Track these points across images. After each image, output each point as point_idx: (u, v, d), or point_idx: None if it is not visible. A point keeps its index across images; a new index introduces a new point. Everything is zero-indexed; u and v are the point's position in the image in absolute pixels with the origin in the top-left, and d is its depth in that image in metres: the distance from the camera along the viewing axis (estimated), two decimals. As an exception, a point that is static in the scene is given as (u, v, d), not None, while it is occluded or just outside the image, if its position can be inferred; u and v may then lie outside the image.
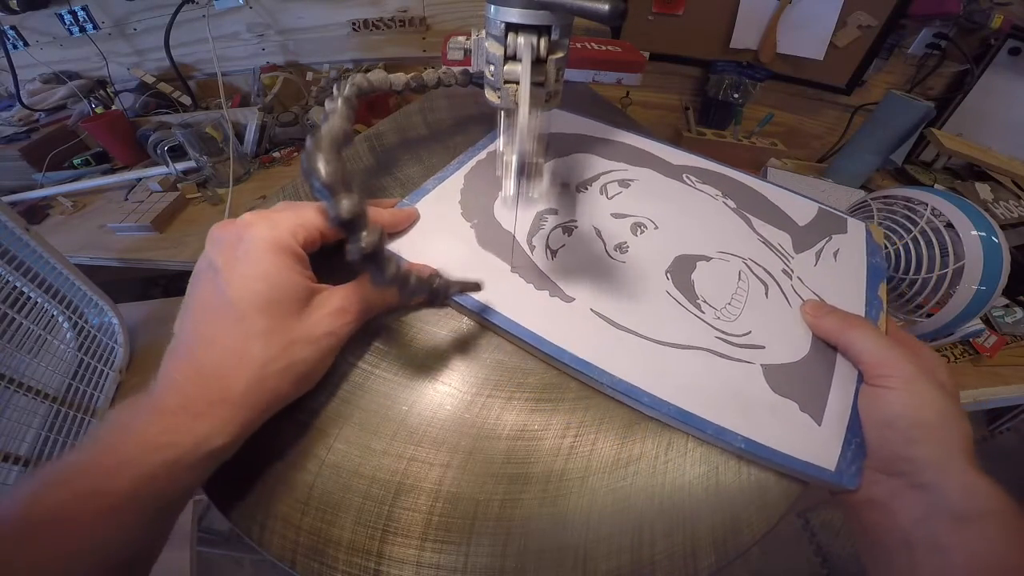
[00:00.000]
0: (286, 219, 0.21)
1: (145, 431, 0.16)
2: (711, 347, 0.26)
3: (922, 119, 0.75)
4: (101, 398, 0.50)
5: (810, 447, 0.23)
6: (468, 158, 0.36)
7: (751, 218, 0.34)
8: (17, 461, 0.41)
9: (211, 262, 0.20)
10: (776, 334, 0.27)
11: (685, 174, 0.37)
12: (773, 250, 0.32)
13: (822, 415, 0.24)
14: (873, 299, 0.29)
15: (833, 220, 0.35)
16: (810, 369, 0.26)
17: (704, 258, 0.30)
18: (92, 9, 0.89)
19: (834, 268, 0.31)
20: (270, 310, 0.19)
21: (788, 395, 0.24)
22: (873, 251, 0.33)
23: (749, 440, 0.22)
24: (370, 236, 0.17)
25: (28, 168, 0.82)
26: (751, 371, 0.25)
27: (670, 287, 0.28)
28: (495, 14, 0.23)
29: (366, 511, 0.21)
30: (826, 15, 0.80)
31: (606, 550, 0.21)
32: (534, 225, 0.31)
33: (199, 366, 0.18)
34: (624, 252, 0.30)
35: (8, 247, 0.44)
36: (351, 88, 0.26)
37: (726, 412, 0.23)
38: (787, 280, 0.30)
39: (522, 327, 0.25)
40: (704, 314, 0.27)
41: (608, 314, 0.26)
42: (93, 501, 0.15)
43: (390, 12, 0.87)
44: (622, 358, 0.24)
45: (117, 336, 0.55)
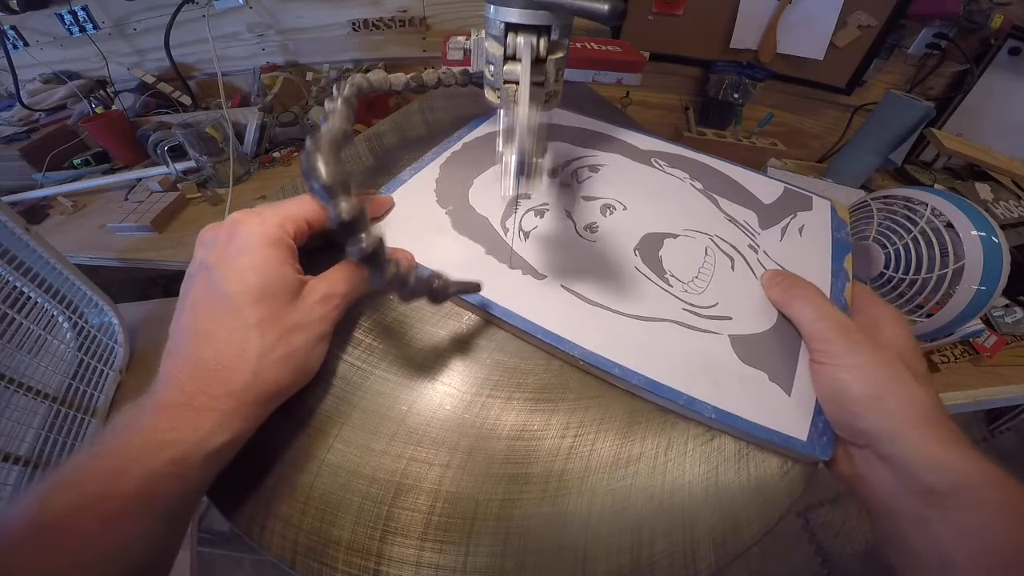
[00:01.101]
0: (273, 213, 0.22)
1: (149, 430, 0.16)
2: (679, 319, 0.26)
3: (922, 119, 0.74)
4: (101, 398, 0.50)
5: (781, 417, 0.23)
6: (444, 149, 0.36)
7: (718, 198, 0.35)
8: (17, 461, 0.41)
9: (203, 262, 0.21)
10: (743, 305, 0.28)
11: (654, 158, 0.38)
12: (739, 227, 0.33)
13: (791, 385, 0.24)
14: (839, 271, 0.30)
15: (798, 198, 0.36)
16: (777, 339, 0.26)
17: (671, 235, 0.31)
18: (92, 9, 0.89)
19: (799, 243, 0.32)
20: (265, 301, 0.19)
21: (757, 365, 0.25)
22: (839, 226, 0.34)
23: (719, 410, 0.23)
24: (370, 237, 0.17)
25: (28, 168, 0.82)
26: (719, 342, 0.26)
27: (639, 263, 0.29)
28: (495, 14, 0.23)
29: (366, 511, 0.21)
30: (826, 15, 0.80)
31: (606, 550, 0.21)
32: (508, 208, 0.32)
33: (199, 361, 0.18)
34: (594, 232, 0.31)
35: (8, 247, 0.44)
36: (351, 88, 0.26)
37: (696, 383, 0.24)
38: (753, 254, 0.31)
39: (496, 304, 0.26)
40: (672, 287, 0.28)
41: (579, 290, 0.27)
42: (102, 505, 0.15)
43: (390, 12, 0.87)
44: (593, 331, 0.25)
45: (117, 336, 0.55)
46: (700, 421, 0.24)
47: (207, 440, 0.17)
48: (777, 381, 0.24)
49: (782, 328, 0.27)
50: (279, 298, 0.20)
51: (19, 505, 0.15)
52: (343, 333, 0.26)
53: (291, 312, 0.20)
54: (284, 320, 0.20)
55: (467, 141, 0.38)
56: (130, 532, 0.15)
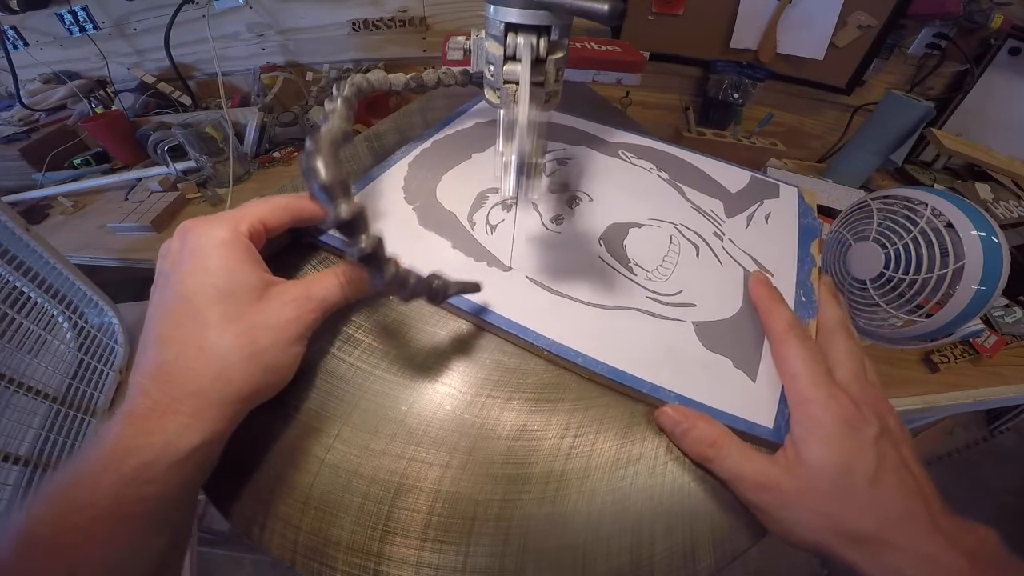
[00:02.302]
0: (227, 216, 0.21)
1: (116, 438, 0.16)
2: (643, 307, 0.27)
3: (922, 119, 0.75)
4: (101, 398, 0.50)
5: (746, 404, 0.23)
6: (413, 147, 0.37)
7: (684, 188, 0.35)
8: (17, 461, 0.41)
9: (161, 270, 0.20)
10: (707, 292, 0.28)
11: (621, 151, 0.39)
12: (704, 215, 0.33)
13: (756, 371, 0.24)
14: (805, 256, 0.31)
15: (765, 186, 0.37)
16: (741, 326, 0.26)
17: (636, 225, 0.31)
18: (92, 9, 0.89)
19: (766, 230, 0.33)
20: (224, 300, 0.19)
21: (721, 351, 0.25)
22: (805, 212, 0.34)
23: (682, 396, 0.23)
24: (370, 237, 0.17)
25: (28, 168, 0.82)
26: (683, 328, 0.26)
27: (603, 252, 0.29)
28: (495, 14, 0.23)
29: (366, 511, 0.21)
30: (826, 15, 0.80)
31: (605, 550, 0.21)
32: (475, 203, 0.32)
33: (160, 364, 0.18)
34: (560, 224, 0.31)
35: (8, 247, 0.44)
36: (351, 88, 0.26)
37: (660, 370, 0.24)
38: (718, 242, 0.31)
39: (465, 299, 0.26)
40: (636, 276, 0.28)
41: (544, 280, 0.27)
42: (80, 516, 0.15)
43: (390, 12, 0.87)
44: (556, 321, 0.25)
45: (117, 336, 0.55)
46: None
47: (174, 443, 0.17)
48: (742, 367, 0.24)
49: (747, 314, 0.27)
50: (239, 297, 0.19)
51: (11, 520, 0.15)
52: (343, 334, 0.26)
53: (254, 312, 0.20)
54: (246, 319, 0.19)
55: (437, 139, 0.38)
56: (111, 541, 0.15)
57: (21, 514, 0.15)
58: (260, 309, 0.20)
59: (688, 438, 0.22)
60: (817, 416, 0.21)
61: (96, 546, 0.15)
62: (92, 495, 0.15)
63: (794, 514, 0.20)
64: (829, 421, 0.20)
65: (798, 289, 0.29)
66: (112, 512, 0.15)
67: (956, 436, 1.19)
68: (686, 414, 0.22)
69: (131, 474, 0.16)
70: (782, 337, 0.24)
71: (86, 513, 0.15)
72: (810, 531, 0.20)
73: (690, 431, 0.22)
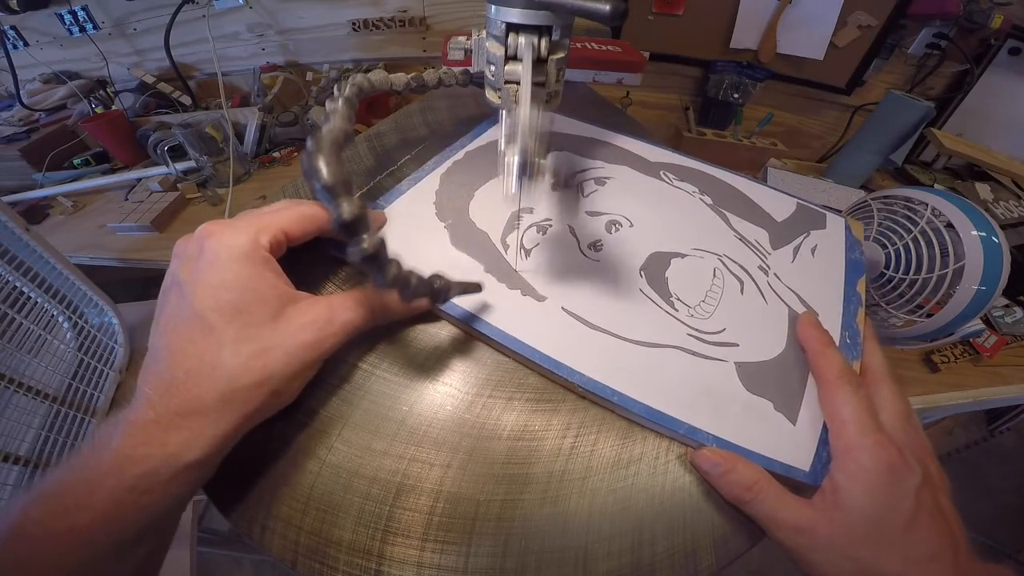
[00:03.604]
0: (247, 224, 0.20)
1: (119, 445, 0.16)
2: (684, 345, 0.25)
3: (922, 119, 0.74)
4: (101, 398, 0.50)
5: (784, 447, 0.23)
6: (445, 157, 0.35)
7: (728, 214, 0.34)
8: (17, 461, 0.40)
9: (175, 276, 0.20)
10: (751, 331, 0.27)
11: (662, 171, 0.37)
12: (749, 246, 0.31)
13: (797, 414, 0.24)
14: (852, 295, 0.29)
15: (812, 216, 0.35)
16: (785, 367, 0.25)
17: (678, 255, 0.30)
18: (92, 9, 0.89)
19: (812, 264, 0.31)
20: (238, 319, 0.18)
21: (762, 394, 0.24)
22: (852, 247, 0.33)
23: (720, 439, 0.22)
24: (371, 237, 0.17)
25: (28, 168, 0.81)
26: (725, 369, 0.25)
27: (643, 285, 0.28)
28: (496, 14, 0.23)
29: (367, 511, 0.21)
30: (826, 15, 0.80)
31: (606, 550, 0.21)
32: (509, 224, 0.31)
33: (170, 379, 0.18)
34: (598, 250, 0.30)
35: (8, 247, 0.44)
36: (352, 88, 0.26)
37: (698, 411, 0.23)
38: (763, 276, 0.30)
39: (493, 326, 0.25)
40: (677, 312, 0.27)
41: (580, 313, 0.26)
42: (75, 516, 0.15)
43: (390, 12, 0.87)
44: (592, 357, 0.24)
45: (117, 336, 0.55)
46: None
47: (176, 456, 0.17)
48: (783, 410, 0.24)
49: (791, 355, 0.26)
50: (255, 315, 0.19)
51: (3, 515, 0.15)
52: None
53: (270, 331, 0.19)
54: (260, 340, 0.19)
55: (470, 149, 0.36)
56: (103, 543, 0.16)
57: (14, 510, 0.15)
58: (276, 329, 0.19)
59: (726, 480, 0.22)
60: (863, 463, 0.20)
61: (87, 548, 0.15)
62: (90, 499, 0.15)
63: (825, 556, 0.20)
64: (874, 468, 0.20)
65: (844, 330, 0.27)
66: (109, 517, 0.16)
67: (956, 436, 1.19)
68: (725, 456, 0.22)
69: (131, 482, 0.16)
70: (834, 383, 0.23)
71: (83, 516, 0.15)
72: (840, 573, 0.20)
73: (728, 474, 0.21)
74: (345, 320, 0.21)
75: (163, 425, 0.17)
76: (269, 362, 0.19)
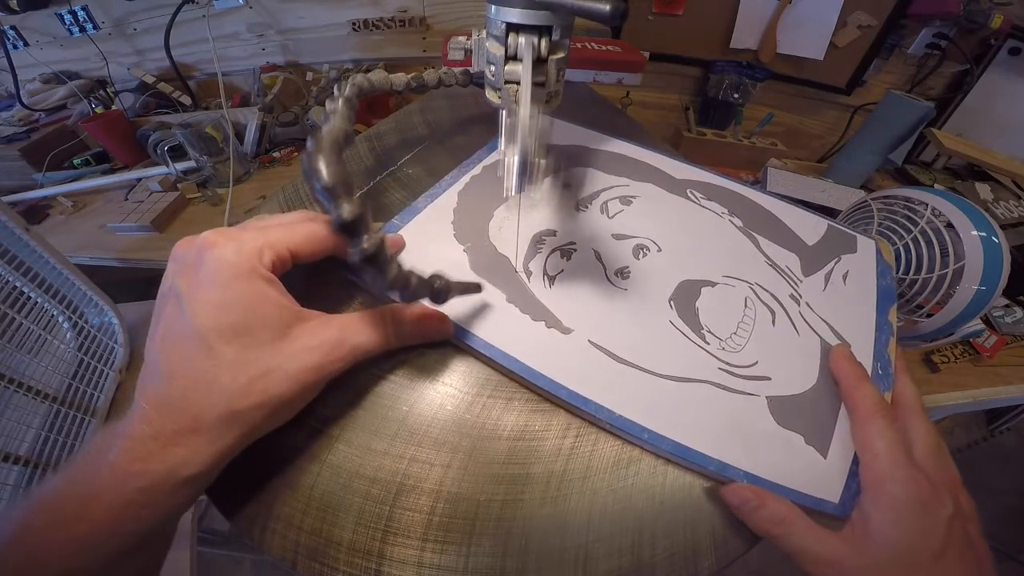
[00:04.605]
0: (251, 239, 0.19)
1: (118, 460, 0.16)
2: (715, 380, 0.25)
3: (922, 119, 0.75)
4: (101, 398, 0.50)
5: (813, 480, 0.22)
6: (462, 173, 0.34)
7: (758, 238, 0.33)
8: (17, 461, 0.40)
9: (173, 286, 0.19)
10: (783, 364, 0.26)
11: (689, 189, 0.36)
12: (781, 273, 0.31)
13: (828, 447, 0.23)
14: (883, 324, 0.29)
15: (842, 239, 0.34)
16: (817, 400, 0.25)
17: (709, 283, 0.29)
18: (92, 9, 0.89)
19: (843, 292, 0.30)
20: (238, 340, 0.18)
21: (793, 427, 0.24)
22: (883, 272, 0.32)
23: (751, 475, 0.22)
24: (372, 238, 0.17)
25: (28, 168, 0.82)
26: (756, 404, 0.24)
27: (673, 316, 0.27)
28: (496, 14, 0.23)
29: (367, 512, 0.21)
30: (826, 15, 0.80)
31: (607, 550, 0.21)
32: (531, 248, 0.29)
33: (168, 396, 0.17)
34: (626, 278, 0.29)
35: (8, 247, 0.44)
36: (352, 88, 0.26)
37: (727, 446, 0.23)
38: (795, 306, 0.29)
39: (518, 361, 0.24)
40: (708, 345, 0.26)
41: (607, 346, 0.25)
42: (74, 528, 0.15)
43: (390, 12, 0.87)
44: (621, 393, 0.23)
45: (117, 336, 0.55)
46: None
47: (175, 471, 0.17)
48: (813, 443, 0.23)
49: (823, 388, 0.25)
50: (256, 336, 0.18)
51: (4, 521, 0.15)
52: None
53: (272, 353, 0.18)
54: (262, 362, 0.18)
55: (487, 163, 0.34)
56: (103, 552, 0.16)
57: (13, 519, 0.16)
58: (279, 349, 0.19)
59: (756, 516, 0.21)
60: (895, 495, 0.20)
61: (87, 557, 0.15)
62: (89, 511, 0.16)
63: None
64: (906, 501, 0.20)
65: (875, 361, 0.27)
66: (108, 528, 0.16)
67: (956, 436, 1.19)
68: (756, 492, 0.21)
69: (130, 497, 0.16)
70: (869, 417, 0.23)
71: (82, 526, 0.15)
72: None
73: (759, 510, 0.21)
74: (355, 344, 0.21)
75: (161, 442, 0.17)
76: (270, 385, 0.18)
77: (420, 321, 0.24)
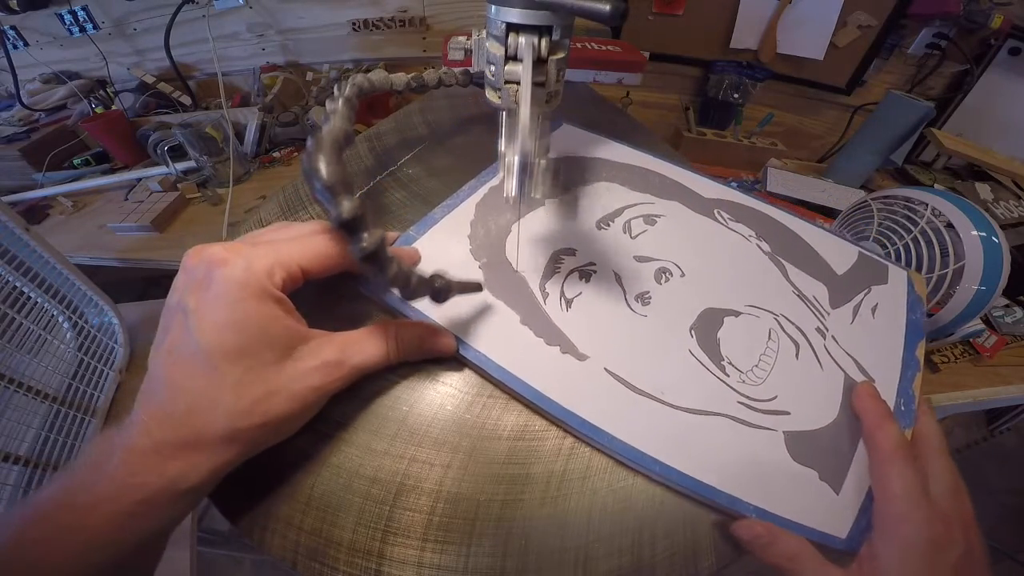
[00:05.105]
0: (262, 257, 0.19)
1: (117, 472, 0.16)
2: (733, 413, 0.24)
3: (922, 119, 0.75)
4: (101, 398, 0.50)
5: (825, 516, 0.22)
6: (481, 183, 0.33)
7: (786, 265, 0.31)
8: (17, 461, 0.40)
9: (181, 301, 0.19)
10: (803, 399, 0.25)
11: (717, 209, 0.34)
12: (808, 304, 0.29)
13: (841, 484, 0.23)
14: (910, 360, 0.28)
15: (873, 268, 0.33)
16: (836, 436, 0.24)
17: (733, 313, 0.28)
18: (92, 9, 0.89)
19: (871, 326, 0.29)
20: (243, 360, 0.18)
21: (809, 464, 0.23)
22: (914, 305, 0.31)
23: (760, 509, 0.22)
24: (372, 236, 0.17)
25: (28, 168, 0.82)
26: (773, 439, 0.24)
27: (693, 346, 0.26)
28: (496, 14, 0.23)
29: (367, 512, 0.21)
30: (826, 15, 0.80)
31: (607, 550, 0.21)
32: (549, 267, 0.28)
33: (170, 412, 0.17)
34: (646, 304, 0.28)
35: (8, 247, 0.44)
36: (352, 88, 0.26)
37: (740, 481, 0.22)
38: (820, 339, 0.28)
39: (530, 387, 0.23)
40: (728, 377, 0.25)
41: (624, 375, 0.24)
42: (73, 537, 0.15)
43: (390, 12, 0.87)
44: (635, 424, 0.23)
45: (117, 336, 0.55)
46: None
47: (174, 484, 0.17)
48: (827, 479, 0.23)
49: (843, 424, 0.25)
50: (261, 357, 0.18)
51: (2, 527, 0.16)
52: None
53: (275, 373, 0.19)
54: (265, 383, 0.18)
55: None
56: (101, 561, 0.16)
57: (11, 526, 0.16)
58: (282, 370, 0.19)
59: (768, 552, 0.21)
60: (908, 537, 0.20)
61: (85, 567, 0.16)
62: (87, 521, 0.16)
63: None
64: (918, 541, 0.20)
65: (899, 397, 0.26)
66: (107, 539, 0.16)
67: (956, 436, 1.19)
68: (766, 528, 0.21)
69: (129, 509, 0.16)
70: (890, 458, 0.22)
71: (80, 536, 0.15)
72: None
73: (770, 546, 0.21)
74: (356, 364, 0.21)
75: (162, 456, 0.17)
76: (272, 406, 0.18)
77: (423, 338, 0.23)
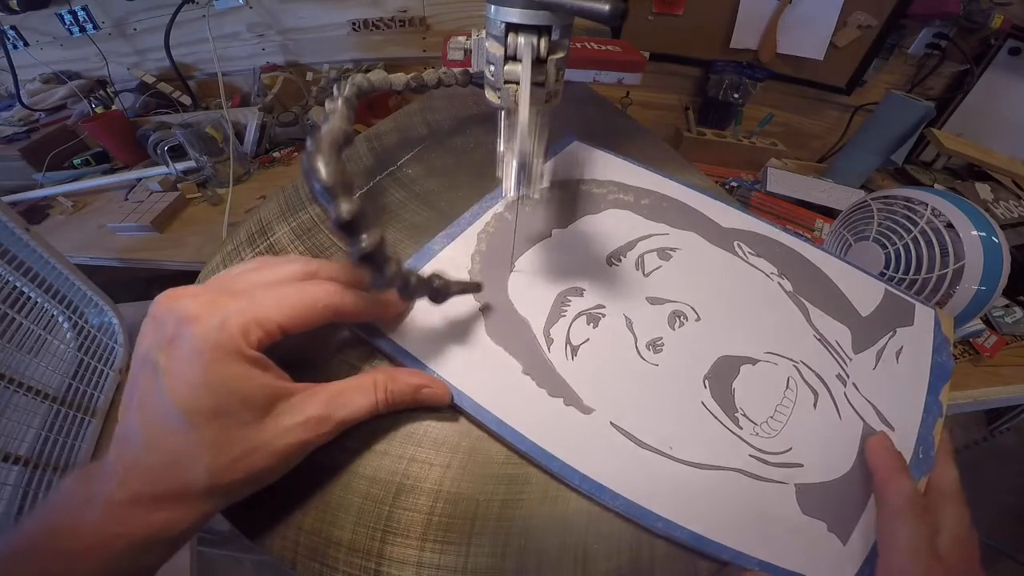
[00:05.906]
0: (237, 314, 0.18)
1: (101, 521, 0.16)
2: (744, 467, 0.23)
3: (922, 119, 0.75)
4: (101, 398, 0.50)
5: (828, 566, 0.21)
6: (483, 210, 0.31)
7: (809, 307, 0.30)
8: (17, 461, 0.40)
9: (148, 355, 0.18)
10: (818, 451, 0.24)
11: (736, 241, 0.33)
12: (830, 350, 0.28)
13: (850, 535, 0.22)
14: (933, 405, 0.27)
15: (899, 307, 0.31)
16: (848, 487, 0.23)
17: (750, 361, 0.26)
18: (92, 9, 0.89)
19: (894, 371, 0.28)
20: (219, 420, 0.17)
21: (818, 515, 0.22)
22: (940, 347, 0.29)
23: (764, 563, 0.21)
24: (371, 236, 0.17)
25: (28, 168, 0.82)
26: (783, 492, 0.23)
27: (706, 398, 0.25)
28: (495, 14, 0.23)
29: (366, 511, 0.21)
30: (826, 15, 0.80)
31: (606, 550, 0.21)
32: (555, 310, 0.27)
33: (146, 466, 0.17)
34: (658, 352, 0.26)
35: (8, 247, 0.44)
36: (351, 88, 0.26)
37: (745, 535, 0.21)
38: (840, 387, 0.26)
39: (531, 442, 0.22)
40: (741, 430, 0.24)
41: (631, 429, 0.23)
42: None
43: (390, 12, 0.87)
44: (640, 480, 0.22)
45: (117, 336, 0.55)
46: None
47: (159, 534, 0.17)
48: (835, 530, 0.22)
49: (857, 475, 0.24)
50: (238, 417, 0.17)
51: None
52: (344, 334, 0.25)
53: (256, 432, 0.18)
54: (244, 441, 0.17)
55: (511, 200, 0.31)
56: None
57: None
58: (263, 429, 0.18)
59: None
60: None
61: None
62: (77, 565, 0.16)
63: None
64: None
65: (918, 444, 0.25)
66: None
67: (956, 436, 1.19)
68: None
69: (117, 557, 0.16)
70: (899, 513, 0.22)
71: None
72: None
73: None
74: (342, 418, 0.20)
75: (143, 508, 0.17)
76: (254, 462, 0.18)
77: (416, 388, 0.22)
